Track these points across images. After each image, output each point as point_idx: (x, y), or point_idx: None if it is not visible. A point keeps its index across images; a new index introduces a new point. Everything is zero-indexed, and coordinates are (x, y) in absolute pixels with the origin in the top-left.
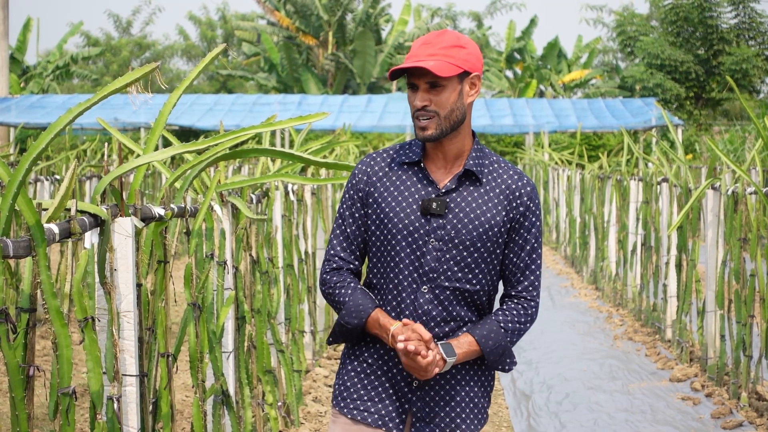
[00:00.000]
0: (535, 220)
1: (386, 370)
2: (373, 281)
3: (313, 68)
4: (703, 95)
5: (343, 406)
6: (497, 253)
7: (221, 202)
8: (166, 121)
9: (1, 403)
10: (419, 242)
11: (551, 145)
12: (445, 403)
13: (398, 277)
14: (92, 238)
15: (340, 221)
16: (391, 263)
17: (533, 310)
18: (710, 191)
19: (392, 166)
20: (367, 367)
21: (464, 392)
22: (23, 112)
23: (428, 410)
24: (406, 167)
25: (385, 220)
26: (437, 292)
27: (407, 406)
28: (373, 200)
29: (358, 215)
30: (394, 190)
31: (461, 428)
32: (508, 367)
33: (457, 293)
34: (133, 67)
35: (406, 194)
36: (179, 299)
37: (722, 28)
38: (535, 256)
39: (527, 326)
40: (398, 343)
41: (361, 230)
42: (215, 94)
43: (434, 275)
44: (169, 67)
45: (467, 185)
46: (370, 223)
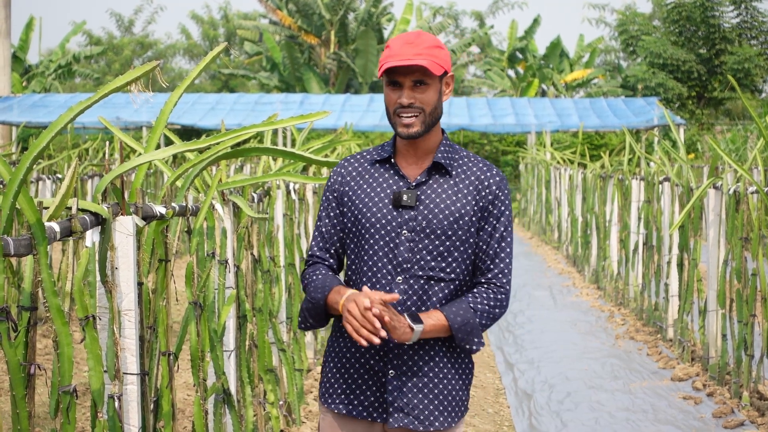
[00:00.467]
0: (504, 209)
1: (363, 363)
2: (352, 278)
3: (315, 67)
4: (705, 95)
5: (330, 402)
6: (470, 242)
7: (223, 200)
8: (167, 119)
9: (2, 401)
10: (392, 234)
11: (553, 144)
12: (423, 395)
13: (373, 269)
14: (93, 236)
15: (318, 223)
16: (365, 257)
17: (503, 296)
18: (712, 190)
19: (365, 165)
20: (346, 362)
21: (442, 384)
22: (25, 111)
23: (406, 401)
24: (378, 165)
25: (359, 215)
26: (411, 282)
27: (385, 395)
28: (348, 199)
29: (333, 215)
30: (367, 187)
31: (439, 420)
32: (475, 347)
33: (431, 282)
34: (134, 66)
35: (378, 190)
36: (180, 298)
37: (724, 27)
38: (504, 244)
39: (497, 312)
40: (364, 299)
41: (336, 229)
42: (217, 93)
43: (408, 265)
44: (171, 66)
45: (437, 177)
46: (345, 221)
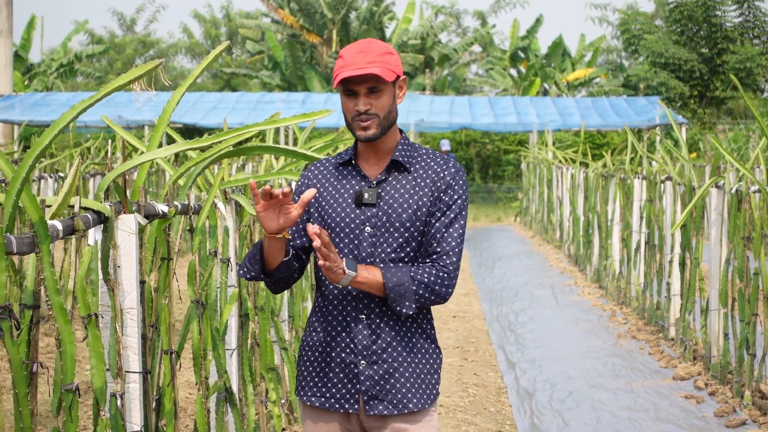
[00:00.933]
0: (456, 198)
1: (334, 356)
2: (322, 277)
3: (317, 66)
4: (707, 94)
5: (303, 395)
6: (426, 231)
7: (225, 199)
8: (169, 118)
9: (4, 399)
10: (355, 231)
11: (555, 143)
12: (395, 379)
13: None
14: (96, 235)
15: None
16: None
17: (445, 275)
18: (714, 190)
19: (329, 168)
20: (318, 355)
21: (411, 369)
22: (27, 109)
23: (378, 388)
24: (341, 168)
25: (324, 215)
26: None
27: (358, 386)
28: (315, 201)
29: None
30: (331, 188)
31: (413, 402)
32: (405, 309)
33: None
34: (136, 65)
35: (342, 191)
36: (183, 296)
37: (726, 26)
38: (452, 230)
39: (437, 289)
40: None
41: (299, 228)
42: (219, 92)
43: (370, 260)
44: (173, 65)
45: (396, 175)
46: (312, 221)
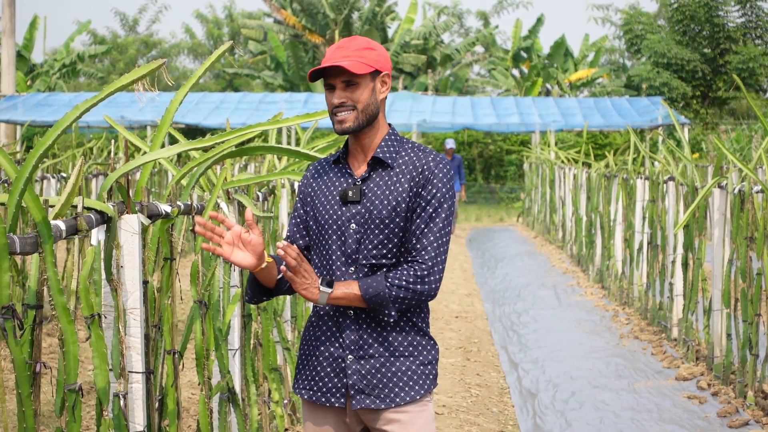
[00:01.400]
0: (435, 192)
1: (323, 350)
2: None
3: None
4: (709, 94)
5: (296, 388)
6: (407, 227)
7: (228, 199)
8: (172, 118)
9: (8, 399)
10: (342, 228)
11: (557, 143)
12: (381, 374)
13: (329, 263)
14: (99, 235)
15: (290, 221)
16: (323, 252)
17: (424, 272)
18: (717, 190)
19: (324, 168)
20: (311, 351)
21: (399, 363)
22: (30, 110)
23: (366, 382)
24: (333, 166)
25: (316, 214)
26: (359, 271)
27: (345, 380)
28: (310, 199)
29: (297, 214)
30: (324, 187)
31: (400, 396)
32: (388, 317)
33: (375, 269)
34: (139, 65)
35: (331, 188)
36: (185, 296)
37: (729, 26)
38: (432, 224)
39: (418, 288)
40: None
41: (300, 228)
42: (221, 92)
43: (356, 256)
44: (175, 65)
45: (379, 171)
46: (308, 219)
